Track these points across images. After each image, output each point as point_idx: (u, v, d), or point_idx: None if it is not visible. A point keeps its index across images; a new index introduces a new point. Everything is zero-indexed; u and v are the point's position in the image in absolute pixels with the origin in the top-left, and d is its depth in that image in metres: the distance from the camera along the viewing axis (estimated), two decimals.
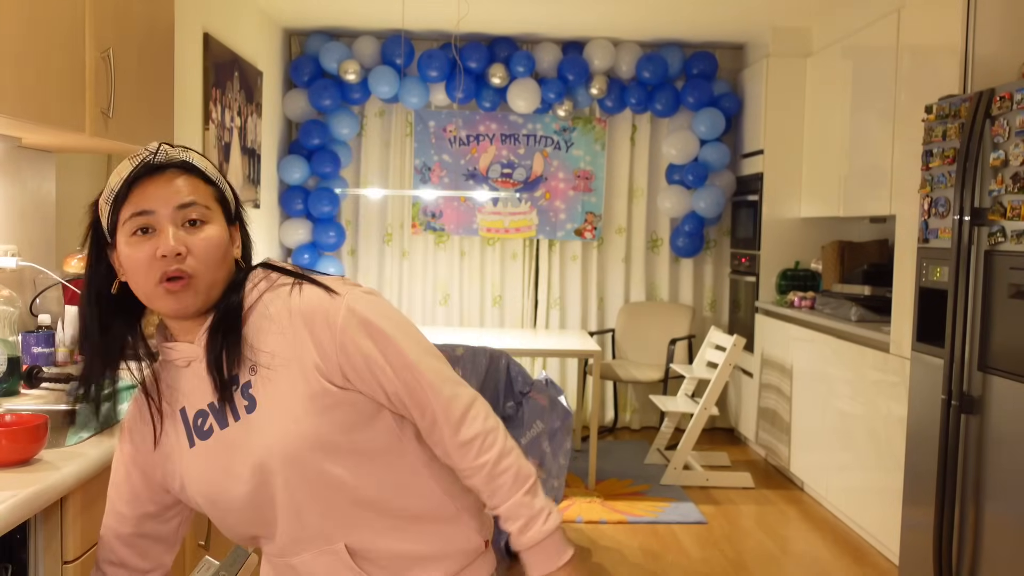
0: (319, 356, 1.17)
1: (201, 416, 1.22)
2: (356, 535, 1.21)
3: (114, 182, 1.17)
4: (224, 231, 1.21)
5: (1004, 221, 2.67)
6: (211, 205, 1.20)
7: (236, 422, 1.19)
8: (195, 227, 1.17)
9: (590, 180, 5.87)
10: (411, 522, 1.24)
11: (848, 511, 4.07)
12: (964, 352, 2.86)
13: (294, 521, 1.21)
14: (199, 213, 1.17)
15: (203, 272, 1.17)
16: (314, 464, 1.17)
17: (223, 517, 1.25)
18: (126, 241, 1.16)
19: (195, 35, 3.90)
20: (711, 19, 5.15)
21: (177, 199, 1.16)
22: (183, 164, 1.19)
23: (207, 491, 1.23)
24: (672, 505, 4.31)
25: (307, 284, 1.21)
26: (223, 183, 1.24)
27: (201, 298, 1.18)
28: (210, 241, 1.17)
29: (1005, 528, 2.68)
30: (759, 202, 5.29)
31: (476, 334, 5.12)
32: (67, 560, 1.60)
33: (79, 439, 1.84)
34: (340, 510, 1.20)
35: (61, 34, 2.10)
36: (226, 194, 1.24)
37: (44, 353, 2.44)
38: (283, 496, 1.19)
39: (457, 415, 1.20)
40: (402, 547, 1.23)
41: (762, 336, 5.18)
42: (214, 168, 1.24)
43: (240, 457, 1.19)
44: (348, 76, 5.44)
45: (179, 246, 1.14)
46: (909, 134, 3.43)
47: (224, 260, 1.20)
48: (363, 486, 1.20)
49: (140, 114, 2.58)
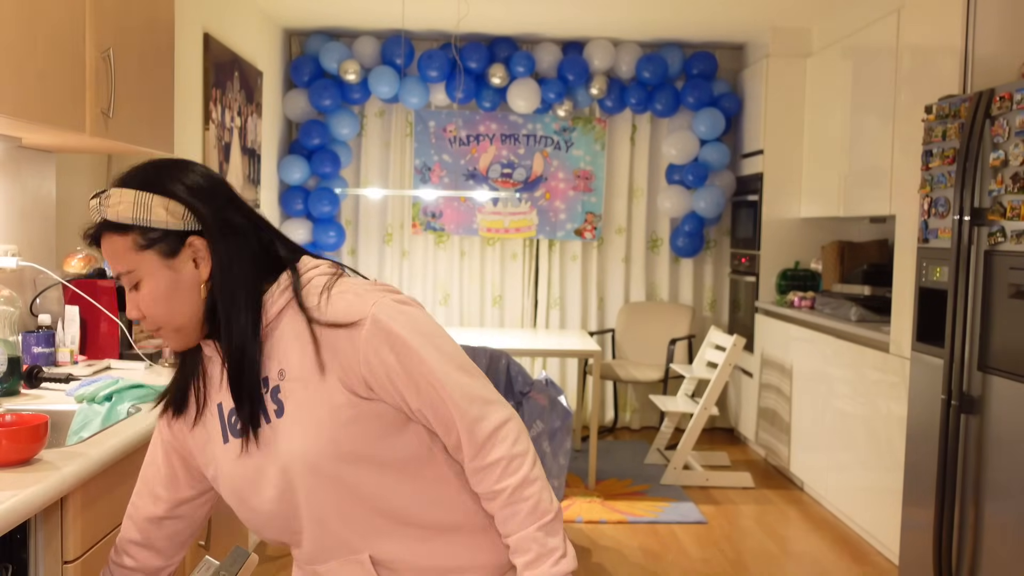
0: (343, 367, 1.14)
1: (235, 414, 1.21)
2: (381, 545, 1.19)
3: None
4: (161, 277, 1.16)
5: (1004, 221, 2.67)
6: (135, 260, 1.16)
7: (267, 424, 1.18)
8: (136, 288, 1.18)
9: (590, 180, 5.87)
10: (438, 533, 1.21)
11: (848, 511, 4.07)
12: (964, 352, 2.86)
13: (318, 529, 1.19)
14: (130, 278, 1.17)
15: (163, 322, 1.19)
16: (338, 474, 1.15)
17: (251, 517, 1.24)
18: None
19: (195, 35, 3.90)
20: (711, 19, 5.15)
21: (114, 269, 1.18)
22: (104, 224, 1.17)
23: (237, 489, 1.22)
24: (672, 505, 4.31)
25: (336, 291, 1.18)
26: (144, 221, 1.14)
27: (183, 338, 1.21)
28: (148, 299, 1.17)
29: (1005, 528, 2.68)
30: (759, 202, 5.30)
31: (476, 334, 5.12)
32: (67, 560, 1.60)
33: (79, 439, 1.85)
34: (364, 520, 1.18)
35: (61, 34, 2.10)
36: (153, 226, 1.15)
37: (44, 353, 2.44)
38: (307, 504, 1.18)
39: (481, 437, 1.15)
40: (429, 559, 1.21)
41: (762, 336, 5.18)
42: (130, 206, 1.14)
43: (269, 460, 1.18)
44: (348, 76, 5.44)
45: (132, 312, 1.19)
46: (909, 134, 3.44)
47: (175, 302, 1.17)
48: (389, 496, 1.18)
49: (140, 114, 2.58)
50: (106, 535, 1.74)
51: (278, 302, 1.19)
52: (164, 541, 1.35)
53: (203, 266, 1.18)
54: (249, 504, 1.22)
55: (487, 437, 1.15)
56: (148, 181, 1.17)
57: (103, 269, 2.76)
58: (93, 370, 2.47)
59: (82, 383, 2.21)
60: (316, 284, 1.19)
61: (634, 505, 4.30)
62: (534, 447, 1.29)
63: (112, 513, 1.78)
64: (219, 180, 1.22)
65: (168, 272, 1.17)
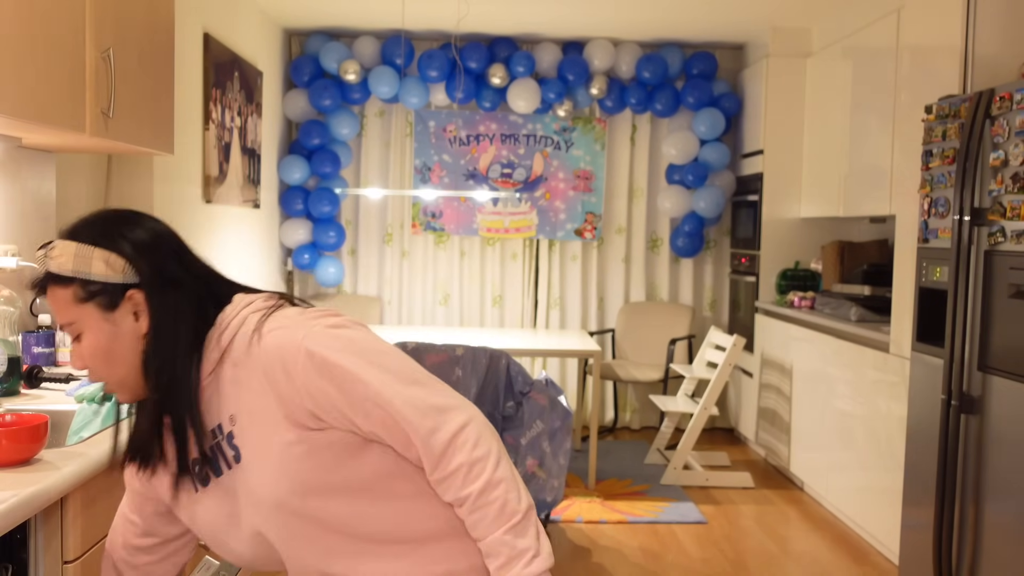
0: (286, 404, 1.14)
1: (197, 463, 1.22)
2: (363, 567, 1.19)
3: None
4: (99, 329, 1.17)
5: (1004, 221, 2.67)
6: (75, 313, 1.17)
7: (229, 470, 1.19)
8: (78, 340, 1.19)
9: (590, 180, 5.87)
10: (420, 545, 1.20)
11: (848, 511, 4.07)
12: (964, 352, 2.86)
13: (298, 561, 1.20)
14: (72, 329, 1.18)
15: (104, 375, 1.20)
16: (305, 509, 1.15)
17: (232, 556, 1.26)
18: None
19: (195, 35, 3.90)
20: (711, 19, 5.16)
21: (60, 320, 1.19)
22: (47, 277, 1.18)
23: (212, 533, 1.24)
24: (672, 505, 4.31)
25: (266, 328, 1.16)
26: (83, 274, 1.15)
27: (128, 391, 1.22)
28: (88, 352, 1.18)
29: (1005, 528, 2.68)
30: (759, 202, 5.30)
31: (476, 334, 5.12)
32: (67, 560, 1.60)
33: (79, 439, 1.84)
34: (341, 547, 1.18)
35: (61, 34, 2.10)
36: (93, 279, 1.16)
37: (44, 353, 2.44)
38: (281, 540, 1.18)
39: (439, 448, 1.13)
40: (416, 570, 1.20)
41: (762, 336, 5.18)
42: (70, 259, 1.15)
43: (237, 504, 1.20)
44: (348, 76, 5.44)
45: (78, 362, 1.20)
46: (909, 134, 3.44)
47: (114, 356, 1.18)
48: (362, 520, 1.17)
49: (140, 114, 2.58)
50: (106, 535, 1.74)
51: (219, 346, 1.18)
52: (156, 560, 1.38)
53: (142, 319, 1.19)
54: (227, 546, 1.25)
55: (445, 446, 1.13)
56: (92, 234, 1.18)
57: None
58: None
59: (82, 383, 2.21)
60: (248, 325, 1.18)
61: (634, 505, 4.30)
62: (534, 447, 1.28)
63: (112, 513, 1.78)
64: (166, 233, 1.23)
65: (107, 325, 1.17)
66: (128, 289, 1.18)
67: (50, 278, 1.18)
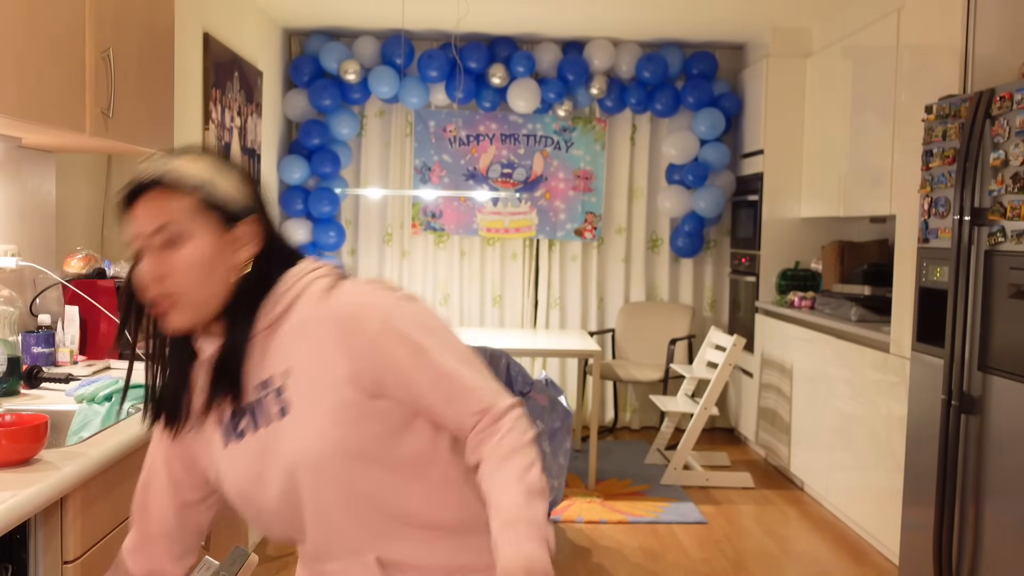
0: (351, 365, 1.14)
1: (237, 415, 1.20)
2: (388, 547, 1.18)
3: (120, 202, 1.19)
4: (210, 242, 1.15)
5: (1004, 221, 2.67)
6: (187, 220, 1.14)
7: (268, 427, 1.17)
8: (172, 247, 1.14)
9: (590, 180, 5.87)
10: (446, 534, 1.20)
11: (848, 511, 4.07)
12: (964, 352, 2.86)
13: (323, 528, 1.18)
14: (172, 233, 1.13)
15: (187, 291, 1.14)
16: (342, 474, 1.15)
17: (256, 516, 1.24)
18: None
19: (195, 35, 3.90)
20: (711, 19, 5.15)
21: (148, 226, 1.14)
22: (157, 182, 1.14)
23: (240, 490, 1.22)
24: (672, 505, 4.31)
25: (342, 289, 1.18)
26: (219, 181, 1.17)
27: (191, 317, 1.16)
28: (187, 262, 1.14)
29: (1005, 528, 2.68)
30: (759, 202, 5.29)
31: (476, 334, 5.12)
32: (67, 560, 1.60)
33: (79, 439, 1.85)
34: (369, 521, 1.18)
35: (61, 34, 2.10)
36: (218, 196, 1.16)
37: (44, 353, 2.44)
38: (311, 503, 1.17)
39: (496, 414, 1.17)
40: (437, 559, 1.20)
41: (762, 336, 5.18)
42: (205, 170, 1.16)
43: (271, 461, 1.17)
44: (348, 76, 5.44)
45: (152, 272, 1.14)
46: (909, 134, 3.43)
47: (213, 273, 1.15)
48: (393, 498, 1.17)
49: (140, 114, 2.58)
50: (106, 535, 1.74)
51: (283, 301, 1.18)
52: (167, 548, 1.33)
53: (246, 251, 1.18)
54: (254, 504, 1.21)
55: (501, 413, 1.17)
56: (222, 157, 1.21)
57: (103, 269, 2.76)
58: (93, 370, 2.47)
59: (82, 383, 2.21)
60: (320, 284, 1.19)
61: (634, 505, 4.30)
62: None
63: (112, 513, 1.78)
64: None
65: (218, 242, 1.15)
66: (246, 216, 1.18)
67: (168, 182, 1.14)
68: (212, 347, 1.20)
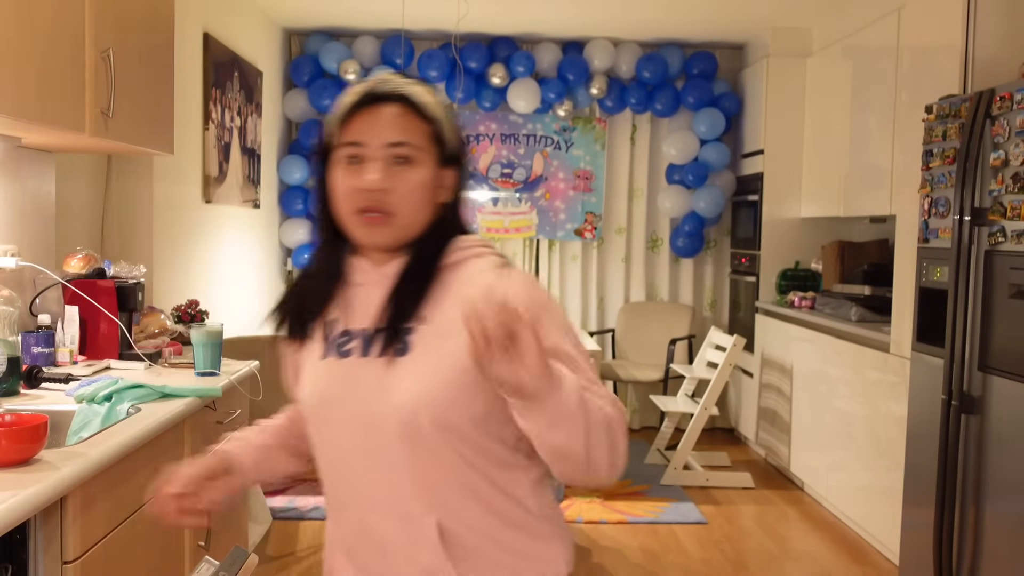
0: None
1: (347, 336, 1.20)
2: (452, 515, 1.15)
3: (341, 105, 1.19)
4: (432, 173, 1.19)
5: (1004, 221, 2.67)
6: (424, 145, 1.18)
7: (379, 358, 1.15)
8: (402, 165, 1.16)
9: (590, 180, 5.87)
10: (506, 526, 1.18)
11: (848, 511, 4.07)
12: (964, 352, 2.86)
13: (386, 479, 1.16)
14: (408, 152, 1.16)
15: (402, 211, 1.17)
16: (431, 435, 1.13)
17: (323, 447, 1.22)
18: (338, 166, 1.18)
19: (195, 35, 3.90)
20: (711, 19, 5.15)
21: (388, 136, 1.16)
22: (404, 98, 1.18)
23: (318, 406, 1.20)
24: (672, 505, 4.31)
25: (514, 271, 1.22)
26: (446, 122, 1.21)
27: (395, 235, 1.18)
28: (414, 183, 1.17)
29: (1005, 528, 2.68)
30: (759, 202, 5.29)
31: None
32: (67, 560, 1.60)
33: (79, 439, 1.85)
34: (442, 486, 1.15)
35: (61, 34, 2.10)
36: (445, 135, 1.20)
37: (44, 353, 2.44)
38: (387, 448, 1.15)
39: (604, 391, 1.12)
40: (495, 547, 1.17)
41: (762, 336, 5.18)
42: (438, 104, 1.21)
43: (364, 394, 1.15)
44: (348, 76, 5.44)
45: (383, 182, 1.15)
46: (909, 134, 3.43)
47: (427, 202, 1.19)
48: (472, 472, 1.15)
49: (140, 114, 2.58)
50: (106, 535, 1.74)
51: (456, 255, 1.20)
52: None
53: (443, 194, 1.22)
54: (325, 424, 1.20)
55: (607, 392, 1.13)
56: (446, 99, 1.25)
57: (103, 269, 2.76)
58: (93, 370, 2.47)
59: (82, 383, 2.22)
60: (494, 260, 1.22)
61: (634, 505, 4.30)
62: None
63: (112, 513, 1.78)
64: None
65: (434, 175, 1.19)
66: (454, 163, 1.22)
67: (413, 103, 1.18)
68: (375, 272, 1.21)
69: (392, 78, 1.20)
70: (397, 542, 1.16)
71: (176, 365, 2.65)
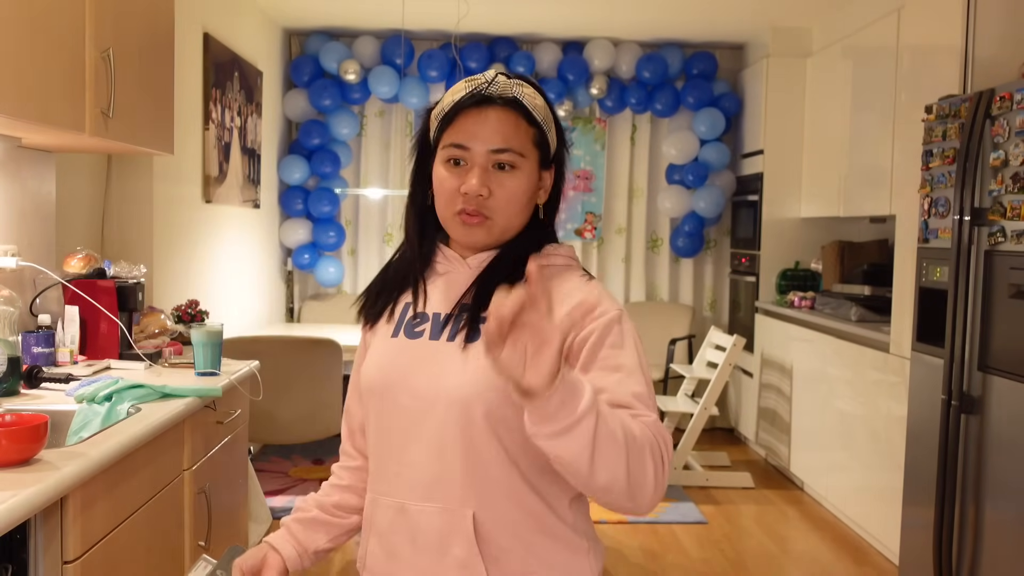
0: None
1: (420, 318, 1.22)
2: (490, 509, 1.14)
3: (446, 101, 1.20)
4: (532, 179, 1.20)
5: (1004, 221, 2.67)
6: (526, 151, 1.19)
7: (448, 343, 1.17)
8: (504, 171, 1.18)
9: (590, 180, 5.87)
10: (542, 533, 1.17)
11: (848, 511, 4.07)
12: (964, 352, 2.86)
13: (437, 464, 1.15)
14: (511, 158, 1.18)
15: (501, 216, 1.19)
16: (487, 427, 1.13)
17: (379, 420, 1.22)
18: (441, 164, 1.20)
19: (195, 35, 3.90)
20: (711, 19, 5.15)
21: (493, 142, 1.17)
22: (512, 101, 1.18)
23: (381, 384, 1.21)
24: (672, 505, 4.31)
25: (596, 282, 1.23)
26: (548, 125, 1.23)
27: (493, 237, 1.20)
28: (514, 190, 1.18)
29: (1005, 528, 2.68)
30: (759, 202, 5.29)
31: None
32: (67, 560, 1.60)
33: (79, 439, 1.85)
34: (486, 480, 1.14)
35: (61, 34, 2.10)
36: (548, 137, 1.22)
37: (44, 353, 2.44)
38: (438, 430, 1.15)
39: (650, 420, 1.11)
40: (522, 547, 1.16)
41: (762, 336, 5.18)
42: (544, 107, 1.22)
43: (426, 373, 1.17)
44: (348, 76, 5.44)
45: (483, 188, 1.16)
46: (909, 134, 3.43)
47: (525, 207, 1.21)
48: (517, 473, 1.14)
49: (140, 114, 2.58)
50: (106, 535, 1.74)
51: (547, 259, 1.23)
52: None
53: (541, 196, 1.25)
54: (388, 405, 1.20)
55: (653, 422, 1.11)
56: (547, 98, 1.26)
57: (103, 269, 2.76)
58: (93, 370, 2.47)
59: (82, 383, 2.22)
60: (580, 271, 1.25)
61: None
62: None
63: (112, 513, 1.78)
64: None
65: (534, 179, 1.21)
66: (553, 164, 1.25)
67: (519, 106, 1.19)
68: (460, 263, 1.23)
69: (500, 78, 1.19)
70: (432, 531, 1.15)
71: (176, 365, 2.65)
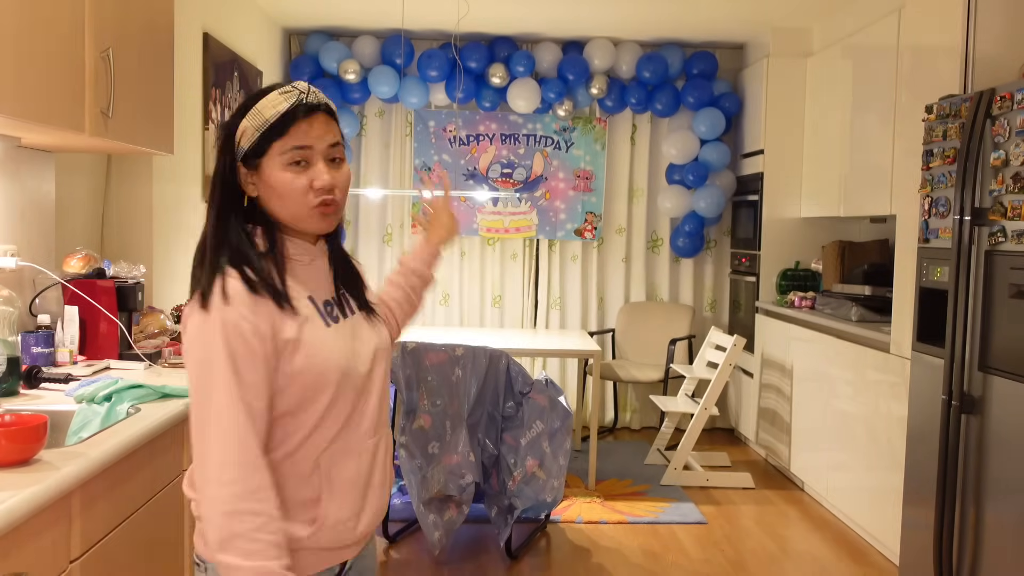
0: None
1: (329, 305, 1.40)
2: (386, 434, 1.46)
3: (269, 114, 1.30)
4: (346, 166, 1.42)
5: (1004, 221, 2.67)
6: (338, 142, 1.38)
7: (352, 315, 1.43)
8: (337, 164, 1.36)
9: (590, 180, 5.87)
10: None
11: (848, 511, 4.07)
12: (964, 352, 2.86)
13: (383, 403, 1.43)
14: (340, 152, 1.37)
15: (342, 202, 1.39)
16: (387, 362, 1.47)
17: (337, 392, 1.35)
18: (281, 169, 1.31)
19: (195, 35, 3.90)
20: (711, 19, 5.15)
21: (329, 139, 1.34)
22: (328, 108, 1.36)
23: (343, 364, 1.36)
24: (672, 505, 4.31)
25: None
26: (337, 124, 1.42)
27: (338, 221, 1.41)
28: (348, 177, 1.39)
29: (1005, 528, 2.68)
30: (759, 202, 5.29)
31: (476, 334, 5.12)
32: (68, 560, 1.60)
33: (79, 439, 1.84)
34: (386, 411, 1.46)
35: (61, 34, 2.10)
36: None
37: (44, 353, 2.44)
38: (380, 380, 1.43)
39: None
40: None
41: (762, 336, 5.18)
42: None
43: (361, 340, 1.41)
44: (348, 76, 5.44)
45: (333, 180, 1.34)
46: (909, 134, 3.43)
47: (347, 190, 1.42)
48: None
49: (140, 114, 2.58)
50: (106, 535, 1.74)
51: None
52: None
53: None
54: (348, 376, 1.36)
55: None
56: None
57: (102, 269, 2.76)
58: (92, 370, 2.47)
59: (81, 383, 2.21)
60: None
61: (634, 505, 4.30)
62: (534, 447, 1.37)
63: (112, 513, 1.78)
64: None
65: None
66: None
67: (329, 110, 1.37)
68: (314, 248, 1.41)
69: (311, 87, 1.35)
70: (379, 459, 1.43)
71: (176, 365, 2.65)
